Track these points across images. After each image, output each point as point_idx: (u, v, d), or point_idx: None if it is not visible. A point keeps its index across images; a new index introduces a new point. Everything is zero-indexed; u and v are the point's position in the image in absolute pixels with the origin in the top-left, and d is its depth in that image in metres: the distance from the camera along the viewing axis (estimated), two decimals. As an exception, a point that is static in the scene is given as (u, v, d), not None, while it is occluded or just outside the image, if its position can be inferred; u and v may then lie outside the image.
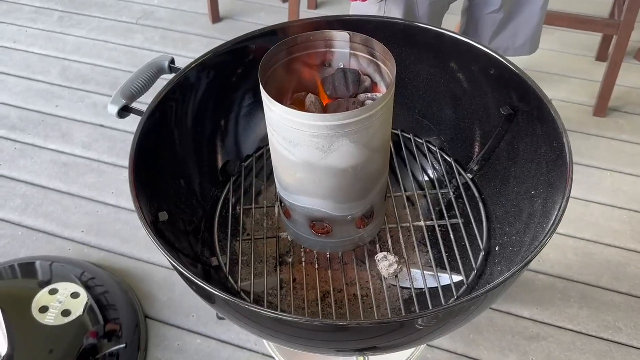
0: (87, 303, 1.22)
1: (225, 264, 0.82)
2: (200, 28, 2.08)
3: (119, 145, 1.67)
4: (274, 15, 2.14)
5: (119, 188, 1.56)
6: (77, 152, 1.65)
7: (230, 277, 0.80)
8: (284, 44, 0.71)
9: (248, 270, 0.84)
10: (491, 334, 1.24)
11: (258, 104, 0.93)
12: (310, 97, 0.71)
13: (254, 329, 0.68)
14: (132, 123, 0.81)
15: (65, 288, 1.25)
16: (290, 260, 0.84)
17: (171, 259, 0.61)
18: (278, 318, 0.57)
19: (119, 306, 1.30)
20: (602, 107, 1.66)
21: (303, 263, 0.82)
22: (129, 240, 1.44)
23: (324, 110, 0.71)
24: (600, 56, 1.86)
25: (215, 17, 2.09)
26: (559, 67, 1.87)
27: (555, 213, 0.63)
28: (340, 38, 0.72)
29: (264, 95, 0.65)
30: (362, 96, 0.73)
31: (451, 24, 1.31)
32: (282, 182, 0.74)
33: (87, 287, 1.29)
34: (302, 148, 0.65)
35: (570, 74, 1.85)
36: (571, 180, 0.66)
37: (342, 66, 0.75)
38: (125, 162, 1.61)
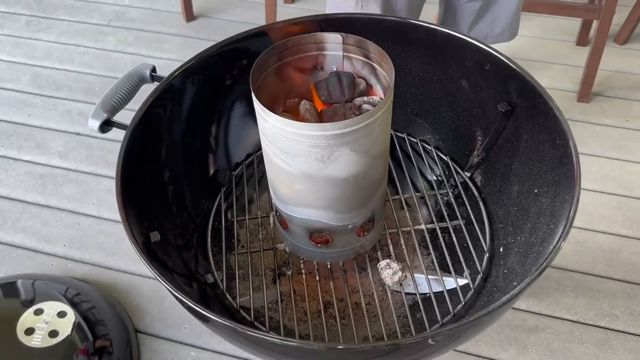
0: (75, 322, 1.18)
1: (221, 280, 0.78)
2: (174, 27, 2.02)
3: (97, 153, 1.61)
4: (250, 11, 2.09)
5: (100, 198, 1.51)
6: (54, 163, 1.59)
7: (227, 294, 0.77)
8: (274, 49, 0.68)
9: (245, 284, 0.81)
10: (489, 329, 1.22)
11: (246, 110, 0.90)
12: (305, 104, 0.68)
13: (258, 352, 0.65)
14: (111, 130, 0.76)
15: (51, 307, 1.20)
16: (289, 272, 0.81)
17: (167, 285, 0.57)
18: (285, 345, 0.54)
19: (107, 322, 1.26)
20: (586, 92, 1.66)
21: (303, 274, 0.79)
22: (114, 253, 1.39)
23: (320, 117, 0.68)
24: (581, 41, 1.85)
25: (190, 16, 2.03)
26: (540, 54, 1.86)
27: (567, 214, 0.61)
28: (333, 40, 0.69)
29: (257, 105, 0.61)
30: (358, 100, 0.70)
31: (429, 14, 1.29)
32: (278, 193, 0.71)
33: (73, 304, 1.24)
34: (300, 159, 0.62)
35: (552, 60, 1.84)
36: (579, 180, 0.64)
37: (335, 69, 0.72)
38: (105, 170, 1.57)
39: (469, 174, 0.88)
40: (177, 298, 0.59)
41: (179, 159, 0.83)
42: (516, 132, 0.79)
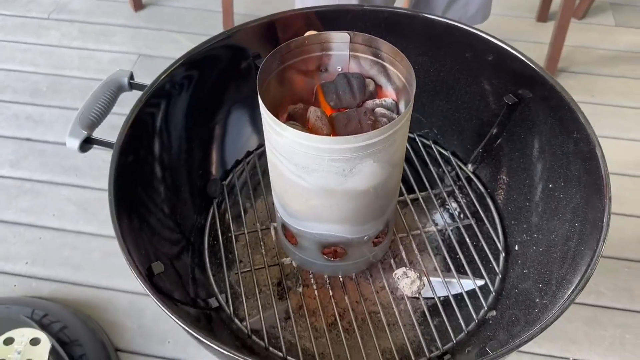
0: (51, 348, 1.09)
1: (227, 303, 0.72)
2: (122, 18, 1.89)
3: (51, 160, 1.49)
4: (203, -3, 1.98)
5: (60, 209, 1.40)
6: (5, 173, 1.46)
7: (235, 318, 0.71)
8: (277, 52, 0.61)
9: (251, 304, 0.75)
10: (481, 315, 1.22)
11: (236, 114, 0.83)
12: (315, 112, 0.62)
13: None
14: (64, 134, 0.68)
15: (23, 335, 1.10)
16: (300, 289, 0.76)
17: (194, 332, 0.52)
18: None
19: (83, 341, 1.18)
20: (552, 70, 1.67)
21: (314, 288, 0.74)
22: (81, 267, 1.30)
23: (332, 124, 0.62)
24: (542, 17, 1.86)
25: (138, 4, 1.90)
26: (502, 32, 1.84)
27: (601, 215, 0.59)
28: (339, 39, 0.63)
29: (269, 117, 0.55)
30: (370, 103, 0.64)
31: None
32: (288, 209, 0.66)
33: (43, 327, 1.15)
34: (319, 174, 0.57)
35: (515, 37, 1.84)
36: (607, 176, 0.61)
37: (340, 70, 0.66)
38: (62, 178, 1.45)
39: (472, 169, 0.85)
40: (197, 339, 0.53)
41: (169, 174, 0.75)
42: (524, 125, 0.76)
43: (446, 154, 0.87)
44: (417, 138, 0.89)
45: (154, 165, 0.72)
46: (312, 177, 0.58)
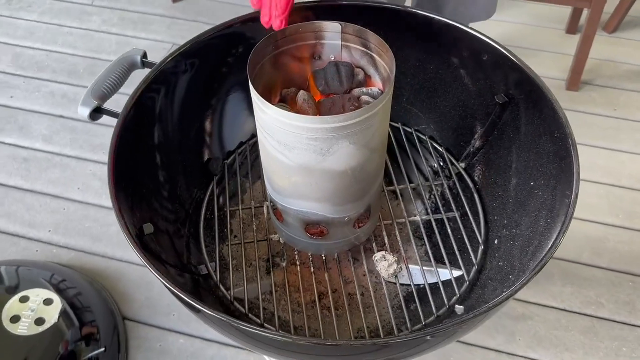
0: (61, 309, 1.16)
1: (215, 271, 0.77)
2: (160, 8, 1.97)
3: (81, 137, 1.58)
4: (237, -8, 2.04)
5: (85, 183, 1.48)
6: (38, 146, 1.56)
7: (221, 286, 0.76)
8: (271, 37, 0.66)
9: (239, 275, 0.80)
10: (478, 316, 1.23)
11: (239, 97, 0.88)
12: (303, 95, 0.66)
13: (250, 344, 0.65)
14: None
15: (37, 295, 1.18)
16: (283, 263, 0.80)
17: (163, 279, 0.56)
18: (285, 341, 0.54)
19: (94, 308, 1.25)
20: (575, 81, 1.66)
21: (297, 265, 0.78)
22: (100, 239, 1.38)
23: (318, 107, 0.67)
24: (571, 29, 1.85)
25: (176, -4, 1.99)
26: (530, 41, 1.86)
27: (565, 210, 0.61)
28: (332, 29, 0.68)
29: (255, 96, 0.60)
30: (356, 91, 0.68)
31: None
32: (274, 185, 0.70)
33: (59, 291, 1.23)
34: (299, 151, 0.61)
35: (542, 47, 1.84)
36: (578, 175, 0.64)
37: (333, 59, 0.70)
38: (90, 154, 1.54)
39: (464, 165, 0.87)
40: (173, 292, 0.58)
41: (171, 147, 0.81)
42: (513, 124, 0.79)
43: (440, 149, 0.90)
44: (414, 133, 0.92)
45: (157, 138, 0.77)
46: (292, 153, 0.62)
